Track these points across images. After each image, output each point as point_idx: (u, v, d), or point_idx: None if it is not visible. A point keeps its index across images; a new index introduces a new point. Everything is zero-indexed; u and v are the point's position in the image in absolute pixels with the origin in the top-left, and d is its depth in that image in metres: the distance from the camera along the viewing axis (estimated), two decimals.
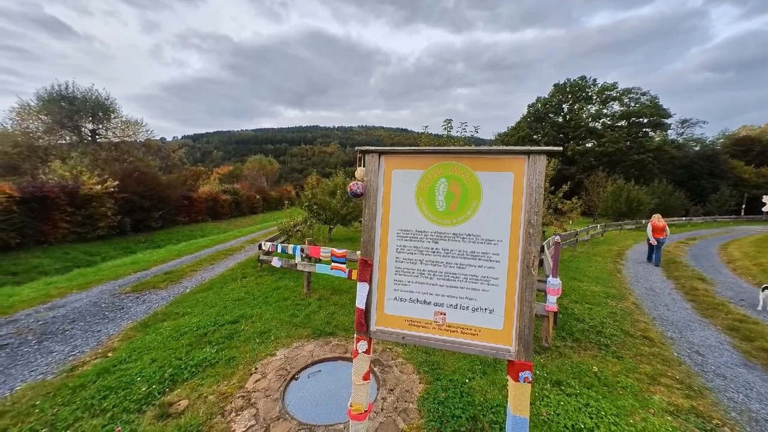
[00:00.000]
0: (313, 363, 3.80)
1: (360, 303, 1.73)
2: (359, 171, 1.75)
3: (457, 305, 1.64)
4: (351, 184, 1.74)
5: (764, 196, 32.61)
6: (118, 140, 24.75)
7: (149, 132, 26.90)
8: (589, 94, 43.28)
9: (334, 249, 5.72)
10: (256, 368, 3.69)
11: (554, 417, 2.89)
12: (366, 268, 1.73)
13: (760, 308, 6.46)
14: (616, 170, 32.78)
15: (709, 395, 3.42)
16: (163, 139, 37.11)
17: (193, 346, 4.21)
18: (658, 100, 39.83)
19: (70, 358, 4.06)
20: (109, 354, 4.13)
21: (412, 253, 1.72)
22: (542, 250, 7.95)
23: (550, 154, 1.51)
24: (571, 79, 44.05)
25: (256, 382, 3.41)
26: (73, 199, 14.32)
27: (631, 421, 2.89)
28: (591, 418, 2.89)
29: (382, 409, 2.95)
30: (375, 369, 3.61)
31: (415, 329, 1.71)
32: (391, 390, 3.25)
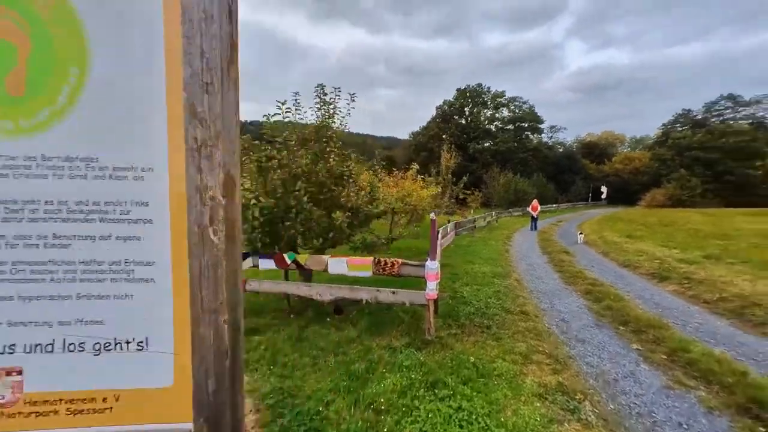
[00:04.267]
0: None
1: None
2: None
3: (52, 346, 0.65)
4: None
5: (602, 186, 43.36)
6: None
7: None
8: (485, 99, 49.45)
9: None
10: None
11: None
12: None
13: (579, 242, 11.17)
14: (507, 166, 38.17)
15: (572, 364, 3.41)
16: None
17: None
18: (535, 108, 48.57)
19: None
20: None
21: None
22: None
23: None
24: (471, 85, 49.54)
25: None
26: None
27: (503, 418, 2.48)
28: (461, 427, 2.36)
29: None
30: None
31: None
32: None
